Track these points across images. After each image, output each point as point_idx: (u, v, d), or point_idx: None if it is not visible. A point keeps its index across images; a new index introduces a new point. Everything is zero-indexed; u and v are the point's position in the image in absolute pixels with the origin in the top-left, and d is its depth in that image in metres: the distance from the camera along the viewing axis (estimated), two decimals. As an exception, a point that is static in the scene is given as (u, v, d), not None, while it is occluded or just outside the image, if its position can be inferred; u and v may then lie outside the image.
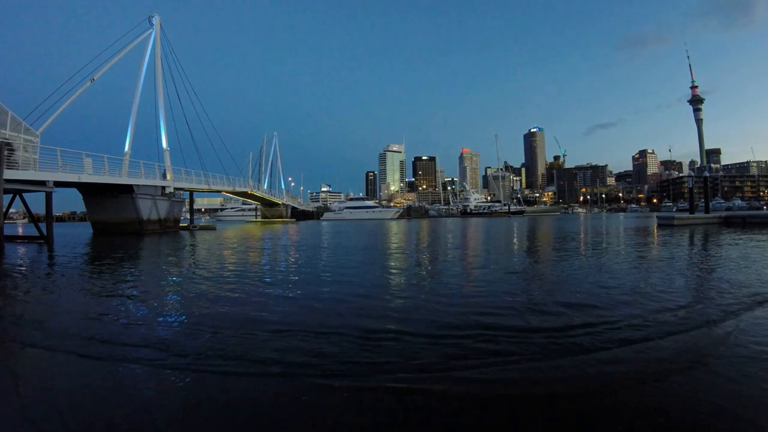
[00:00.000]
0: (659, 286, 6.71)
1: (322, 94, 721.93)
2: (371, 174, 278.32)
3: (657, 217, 34.02)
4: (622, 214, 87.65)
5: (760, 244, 13.21)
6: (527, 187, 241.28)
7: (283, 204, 73.74)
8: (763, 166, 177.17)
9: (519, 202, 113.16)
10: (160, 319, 5.21)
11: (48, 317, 5.55)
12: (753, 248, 12.05)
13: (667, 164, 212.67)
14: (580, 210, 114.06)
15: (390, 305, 5.79)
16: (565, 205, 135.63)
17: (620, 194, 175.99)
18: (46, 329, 4.90)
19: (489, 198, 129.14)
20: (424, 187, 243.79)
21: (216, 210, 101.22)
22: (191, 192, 40.34)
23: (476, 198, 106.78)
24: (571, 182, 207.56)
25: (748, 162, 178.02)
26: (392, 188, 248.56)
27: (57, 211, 68.32)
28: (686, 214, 32.05)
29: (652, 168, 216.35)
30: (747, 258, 9.85)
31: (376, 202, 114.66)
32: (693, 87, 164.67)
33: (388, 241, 20.13)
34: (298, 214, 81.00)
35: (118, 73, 30.60)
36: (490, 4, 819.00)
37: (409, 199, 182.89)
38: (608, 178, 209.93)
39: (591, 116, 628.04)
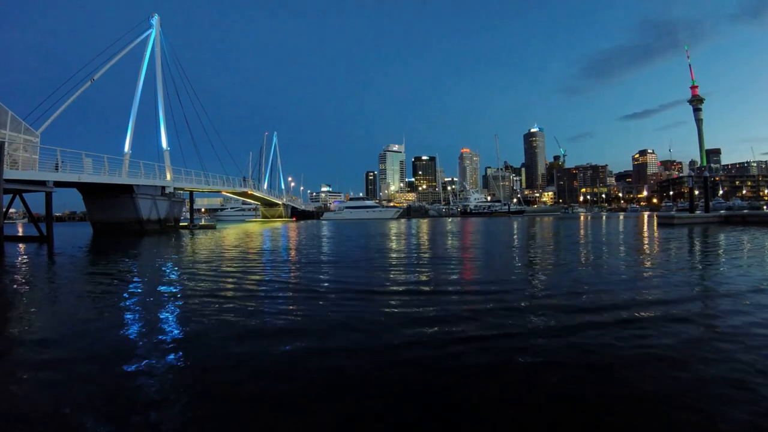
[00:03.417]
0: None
1: (322, 94, 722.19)
2: (371, 174, 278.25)
3: (657, 216, 34.06)
4: (622, 213, 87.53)
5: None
6: (527, 187, 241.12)
7: (283, 204, 73.97)
8: (763, 166, 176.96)
9: (520, 202, 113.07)
10: (161, 317, 5.22)
11: (47, 319, 5.55)
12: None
13: (667, 164, 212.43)
14: (580, 210, 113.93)
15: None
16: (565, 205, 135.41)
17: (620, 194, 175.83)
18: (45, 331, 4.89)
19: (489, 198, 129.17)
20: (424, 187, 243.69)
21: (216, 210, 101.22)
22: (191, 192, 40.39)
23: (476, 198, 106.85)
24: (571, 182, 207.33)
25: (748, 162, 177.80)
26: (392, 188, 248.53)
27: (57, 211, 68.41)
28: (686, 214, 32.07)
29: (652, 168, 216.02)
30: None
31: (377, 202, 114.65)
32: (693, 87, 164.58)
33: (389, 241, 20.14)
34: (299, 214, 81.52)
35: (118, 73, 30.65)
36: (491, 5, 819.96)
37: (409, 199, 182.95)
38: (608, 178, 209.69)
39: (591, 116, 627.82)
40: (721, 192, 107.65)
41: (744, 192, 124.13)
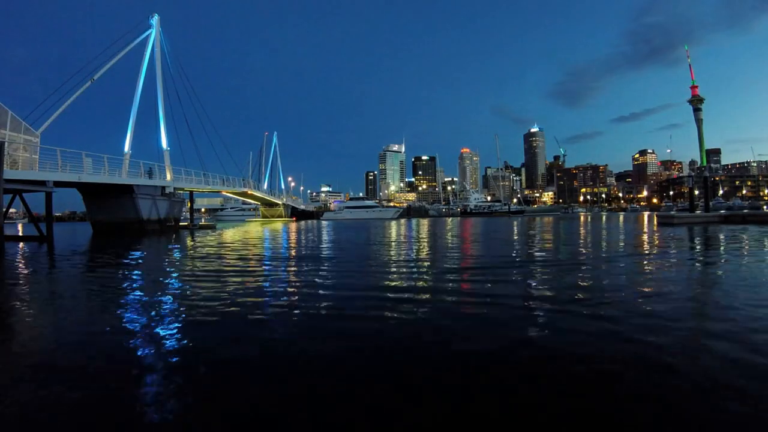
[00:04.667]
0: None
1: (322, 94, 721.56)
2: (371, 174, 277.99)
3: (657, 216, 34.08)
4: (622, 213, 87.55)
5: None
6: (527, 187, 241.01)
7: (283, 204, 74.09)
8: (764, 166, 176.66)
9: (520, 202, 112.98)
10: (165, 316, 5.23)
11: (47, 321, 5.56)
12: None
13: (667, 164, 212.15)
14: (580, 210, 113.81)
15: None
16: (565, 205, 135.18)
17: (620, 194, 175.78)
18: (45, 334, 4.90)
19: (489, 198, 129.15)
20: (424, 187, 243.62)
21: (216, 210, 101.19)
22: (191, 192, 40.40)
23: (476, 198, 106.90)
24: (571, 182, 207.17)
25: (748, 162, 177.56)
26: (392, 188, 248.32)
27: (57, 211, 68.41)
28: (686, 213, 32.13)
29: (652, 168, 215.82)
30: None
31: (377, 202, 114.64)
32: (693, 87, 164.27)
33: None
34: (299, 214, 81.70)
35: (118, 73, 30.65)
36: (491, 4, 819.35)
37: (409, 199, 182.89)
38: (608, 178, 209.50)
39: (590, 117, 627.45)
40: (721, 192, 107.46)
41: (744, 192, 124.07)
